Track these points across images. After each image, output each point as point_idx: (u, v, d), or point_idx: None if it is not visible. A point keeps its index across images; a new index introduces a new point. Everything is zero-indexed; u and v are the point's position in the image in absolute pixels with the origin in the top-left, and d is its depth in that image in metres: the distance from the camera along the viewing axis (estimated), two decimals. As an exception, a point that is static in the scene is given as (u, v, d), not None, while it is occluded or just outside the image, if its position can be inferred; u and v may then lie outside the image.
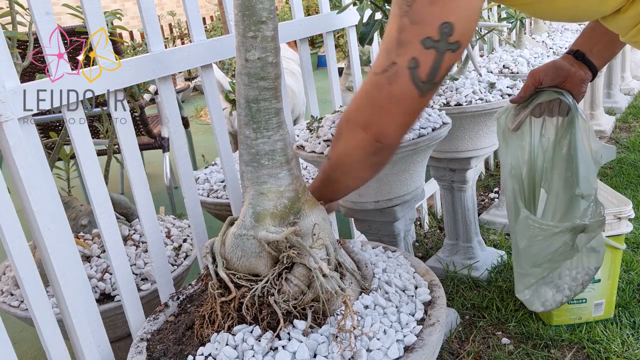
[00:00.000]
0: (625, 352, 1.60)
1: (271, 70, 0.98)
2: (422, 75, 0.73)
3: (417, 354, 0.93)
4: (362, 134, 0.83)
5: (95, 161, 1.19)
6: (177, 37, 8.35)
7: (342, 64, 5.20)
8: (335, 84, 1.90)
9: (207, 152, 3.60)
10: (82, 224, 1.71)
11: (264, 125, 1.00)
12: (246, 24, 0.95)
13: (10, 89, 1.03)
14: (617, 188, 2.56)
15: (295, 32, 1.67)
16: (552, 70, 1.22)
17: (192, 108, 6.00)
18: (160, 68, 1.27)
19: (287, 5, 6.68)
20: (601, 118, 3.41)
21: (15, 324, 2.00)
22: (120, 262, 1.26)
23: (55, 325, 1.12)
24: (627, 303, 1.80)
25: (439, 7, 0.69)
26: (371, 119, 0.80)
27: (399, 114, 0.78)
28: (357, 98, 0.84)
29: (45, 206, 1.09)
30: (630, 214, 1.61)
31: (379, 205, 1.58)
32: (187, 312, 1.17)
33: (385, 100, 0.77)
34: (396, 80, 0.75)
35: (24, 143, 1.05)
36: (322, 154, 1.49)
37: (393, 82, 0.75)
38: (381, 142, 0.82)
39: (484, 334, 1.76)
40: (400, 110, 0.78)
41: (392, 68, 0.74)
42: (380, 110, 0.78)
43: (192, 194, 1.39)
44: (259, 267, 1.00)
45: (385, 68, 0.75)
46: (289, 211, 1.03)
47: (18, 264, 1.05)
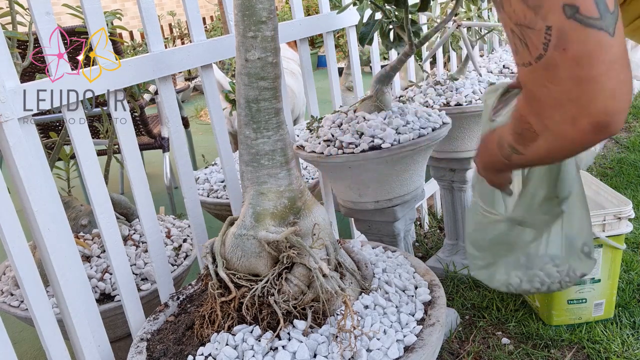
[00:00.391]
0: (625, 352, 1.60)
1: (271, 70, 0.98)
2: (591, 11, 0.55)
3: (417, 354, 0.93)
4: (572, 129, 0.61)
5: (95, 161, 1.19)
6: (177, 37, 8.36)
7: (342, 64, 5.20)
8: (335, 84, 1.90)
9: (207, 152, 3.60)
10: (82, 224, 1.71)
11: (264, 125, 1.00)
12: (246, 24, 0.95)
13: (10, 89, 1.03)
14: (617, 188, 2.56)
15: (295, 32, 1.67)
16: None
17: (192, 108, 6.00)
18: (160, 68, 1.27)
19: (287, 5, 6.69)
20: (601, 118, 3.41)
21: (15, 324, 2.00)
22: (120, 262, 1.26)
23: (55, 325, 1.12)
24: (627, 303, 1.80)
25: None
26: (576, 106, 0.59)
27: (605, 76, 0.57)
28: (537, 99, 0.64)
29: (45, 206, 1.09)
30: (630, 214, 1.61)
31: (379, 205, 1.58)
32: (187, 312, 1.17)
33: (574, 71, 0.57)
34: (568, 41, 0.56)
35: (24, 143, 1.05)
36: (322, 154, 1.49)
37: (566, 45, 0.56)
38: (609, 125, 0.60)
39: (484, 334, 1.77)
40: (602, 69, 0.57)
41: (552, 33, 0.57)
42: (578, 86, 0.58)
43: (192, 194, 1.39)
44: (259, 267, 1.00)
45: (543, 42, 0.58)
46: (289, 211, 1.03)
47: (18, 264, 1.05)
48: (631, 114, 3.72)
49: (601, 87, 0.58)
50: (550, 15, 0.57)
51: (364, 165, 1.46)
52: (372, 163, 1.46)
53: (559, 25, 0.56)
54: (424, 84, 2.08)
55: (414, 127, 1.51)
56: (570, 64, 0.57)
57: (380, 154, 1.43)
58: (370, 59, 2.10)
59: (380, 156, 1.43)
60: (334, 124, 1.60)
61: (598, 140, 0.63)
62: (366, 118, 1.55)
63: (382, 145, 1.44)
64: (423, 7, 1.47)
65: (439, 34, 1.95)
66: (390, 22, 1.51)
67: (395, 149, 1.43)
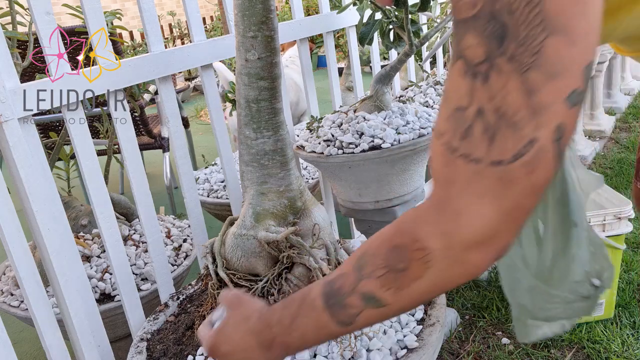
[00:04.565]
0: (625, 352, 1.60)
1: (271, 70, 0.98)
2: (564, 145, 0.51)
3: (417, 353, 0.93)
4: (478, 256, 0.54)
5: (95, 161, 1.19)
6: (177, 37, 8.35)
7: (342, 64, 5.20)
8: (335, 84, 1.90)
9: (207, 152, 3.60)
10: (82, 224, 1.71)
11: (264, 125, 1.00)
12: (246, 24, 0.95)
13: (10, 89, 1.03)
14: (617, 188, 2.56)
15: (295, 32, 1.67)
16: None
17: (192, 108, 6.00)
18: (160, 68, 1.27)
19: (287, 5, 6.68)
20: (601, 118, 3.41)
21: (15, 324, 2.00)
22: (120, 262, 1.25)
23: (55, 325, 1.12)
24: (627, 303, 1.80)
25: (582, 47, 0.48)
26: (497, 232, 0.52)
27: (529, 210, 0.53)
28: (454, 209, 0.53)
29: (45, 206, 1.09)
30: (630, 214, 1.61)
31: (379, 205, 1.58)
32: (187, 312, 1.17)
33: (524, 198, 0.51)
34: (541, 165, 0.50)
35: (24, 143, 1.05)
36: (322, 154, 1.49)
37: (536, 168, 0.50)
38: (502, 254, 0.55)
39: (484, 334, 1.77)
40: (533, 204, 0.52)
41: (533, 148, 0.49)
42: (515, 213, 0.52)
43: (192, 194, 1.39)
44: (259, 267, 1.00)
45: (518, 151, 0.49)
46: (289, 211, 1.03)
47: (18, 264, 1.05)
48: (631, 114, 3.72)
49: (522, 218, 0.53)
50: (543, 129, 0.49)
51: (364, 165, 1.46)
52: (372, 163, 1.46)
53: (544, 144, 0.49)
54: (424, 84, 2.08)
55: (414, 127, 1.51)
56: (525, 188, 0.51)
57: (380, 154, 1.43)
58: (370, 59, 2.10)
59: (380, 156, 1.43)
60: (334, 124, 1.60)
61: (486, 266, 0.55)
62: (366, 118, 1.55)
63: (382, 145, 1.44)
64: (423, 7, 1.47)
65: (439, 34, 1.95)
66: (390, 22, 1.51)
67: (395, 149, 1.43)
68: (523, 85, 0.49)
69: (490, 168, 0.50)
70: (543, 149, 0.49)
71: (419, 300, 0.58)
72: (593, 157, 2.99)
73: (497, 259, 0.55)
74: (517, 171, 0.50)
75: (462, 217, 0.52)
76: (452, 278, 0.55)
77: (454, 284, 0.56)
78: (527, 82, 0.48)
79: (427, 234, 0.55)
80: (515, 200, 0.51)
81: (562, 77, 0.48)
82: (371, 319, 0.60)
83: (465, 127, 0.51)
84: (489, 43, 0.49)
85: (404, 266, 0.57)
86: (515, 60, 0.48)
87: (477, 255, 0.53)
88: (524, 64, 0.48)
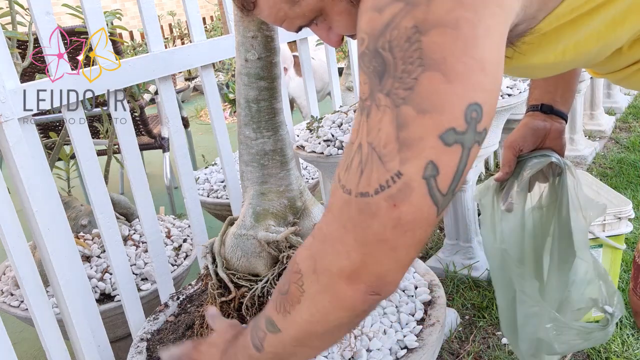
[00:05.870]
0: (625, 352, 1.60)
1: (271, 70, 0.98)
2: (444, 186, 0.49)
3: (417, 353, 0.93)
4: (346, 287, 0.53)
5: (95, 161, 1.19)
6: (177, 37, 8.35)
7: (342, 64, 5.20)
8: (335, 84, 1.90)
9: (207, 152, 3.60)
10: (82, 224, 1.71)
11: (264, 125, 1.00)
12: (246, 24, 0.95)
13: (10, 89, 1.03)
14: (617, 188, 2.56)
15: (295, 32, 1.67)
16: (530, 134, 1.08)
17: (192, 108, 6.00)
18: (160, 68, 1.27)
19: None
20: (601, 118, 3.41)
21: (15, 324, 2.00)
22: (120, 262, 1.26)
23: (55, 325, 1.12)
24: (627, 303, 1.80)
25: (461, 85, 0.47)
26: (362, 263, 0.52)
27: (408, 246, 0.51)
28: (324, 234, 0.54)
29: (45, 206, 1.09)
30: (630, 214, 1.61)
31: (379, 205, 1.58)
32: (187, 312, 1.17)
33: (386, 231, 0.50)
34: (406, 200, 0.49)
35: (24, 143, 1.05)
36: (322, 154, 1.49)
37: (401, 202, 0.49)
38: (380, 292, 0.54)
39: (484, 334, 1.76)
40: (410, 241, 0.51)
41: (397, 182, 0.48)
42: (379, 246, 0.51)
43: (192, 194, 1.39)
44: (259, 267, 1.00)
45: (381, 184, 0.49)
46: (288, 211, 1.03)
47: (18, 264, 1.05)
48: (631, 114, 3.72)
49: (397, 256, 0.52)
50: (410, 163, 0.48)
51: (364, 165, 1.46)
52: (372, 163, 1.46)
53: (410, 178, 0.48)
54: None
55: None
56: (389, 221, 0.50)
57: (380, 154, 1.43)
58: (370, 59, 2.10)
59: (380, 156, 1.43)
60: (334, 124, 1.60)
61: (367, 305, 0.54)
62: (366, 118, 1.54)
63: (382, 145, 1.44)
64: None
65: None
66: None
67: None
68: (395, 119, 0.48)
69: (356, 199, 0.50)
70: (409, 185, 0.48)
71: (308, 330, 0.57)
72: (593, 157, 2.99)
73: (375, 295, 0.53)
74: (379, 204, 0.49)
75: (327, 243, 0.53)
76: (326, 308, 0.54)
77: (335, 317, 0.55)
78: (399, 117, 0.48)
79: (301, 257, 0.56)
80: (376, 233, 0.50)
81: (435, 113, 0.47)
82: (273, 345, 0.60)
83: (349, 161, 0.51)
84: (372, 79, 0.49)
85: (286, 289, 0.57)
86: (391, 95, 0.48)
87: (346, 286, 0.53)
88: (398, 98, 0.48)
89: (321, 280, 0.54)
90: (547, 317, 1.00)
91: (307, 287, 0.55)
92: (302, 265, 0.56)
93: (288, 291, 0.57)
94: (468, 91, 0.48)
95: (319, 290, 0.55)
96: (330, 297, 0.54)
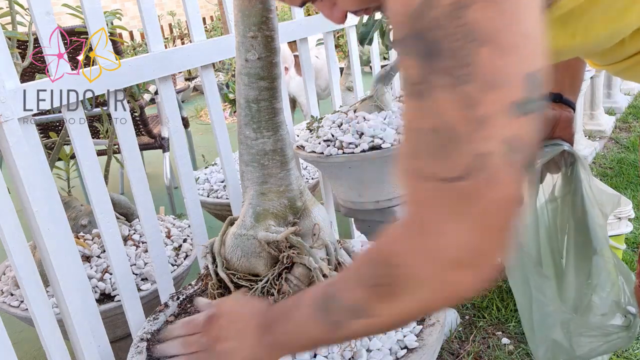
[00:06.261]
0: (625, 352, 1.60)
1: (271, 70, 0.98)
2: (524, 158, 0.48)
3: (417, 354, 0.93)
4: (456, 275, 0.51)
5: (95, 161, 1.19)
6: (177, 37, 8.35)
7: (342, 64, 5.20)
8: (335, 84, 1.90)
9: (207, 152, 3.60)
10: (82, 224, 1.71)
11: (264, 125, 1.00)
12: (246, 24, 0.95)
13: (10, 89, 1.03)
14: (617, 188, 2.56)
15: (295, 32, 1.67)
16: None
17: (192, 108, 5.99)
18: (160, 68, 1.27)
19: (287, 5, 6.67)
20: (601, 118, 3.41)
21: (15, 324, 2.00)
22: (120, 262, 1.26)
23: (55, 325, 1.12)
24: (627, 303, 1.80)
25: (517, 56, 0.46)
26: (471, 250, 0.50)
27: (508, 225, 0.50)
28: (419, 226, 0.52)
29: (45, 206, 1.09)
30: (630, 214, 1.61)
31: (379, 206, 1.58)
32: (187, 312, 1.17)
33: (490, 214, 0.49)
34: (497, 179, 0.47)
35: (24, 143, 1.05)
36: (322, 154, 1.49)
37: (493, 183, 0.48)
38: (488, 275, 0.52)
39: (484, 334, 1.76)
40: (509, 219, 0.50)
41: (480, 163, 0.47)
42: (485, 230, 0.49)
43: (192, 194, 1.39)
44: (259, 267, 1.00)
45: (468, 166, 0.47)
46: (289, 211, 1.03)
47: (18, 264, 1.05)
48: (631, 114, 3.72)
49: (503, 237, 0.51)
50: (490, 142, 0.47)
51: (364, 165, 1.46)
52: (372, 163, 1.46)
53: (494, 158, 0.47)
54: (424, 84, 2.08)
55: (414, 127, 1.51)
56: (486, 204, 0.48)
57: (381, 154, 1.43)
58: (370, 59, 2.10)
59: (380, 156, 1.43)
60: (334, 124, 1.60)
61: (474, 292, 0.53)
62: (366, 118, 1.55)
63: (382, 145, 1.44)
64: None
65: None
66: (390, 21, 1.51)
67: (396, 149, 1.43)
68: (459, 99, 0.47)
69: (447, 185, 0.48)
70: (495, 163, 0.47)
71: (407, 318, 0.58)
72: (593, 157, 2.99)
73: (484, 281, 0.52)
74: (473, 188, 0.48)
75: (426, 235, 0.51)
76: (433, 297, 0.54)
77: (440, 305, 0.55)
78: (463, 96, 0.46)
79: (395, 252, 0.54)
80: (480, 217, 0.49)
81: (499, 87, 0.46)
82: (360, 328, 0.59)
83: (418, 147, 0.50)
84: (421, 62, 0.48)
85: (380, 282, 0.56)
86: (447, 75, 0.46)
87: (456, 274, 0.51)
88: (454, 77, 0.46)
89: (426, 271, 0.52)
90: (562, 317, 0.99)
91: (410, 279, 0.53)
92: (400, 259, 0.53)
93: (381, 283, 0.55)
94: (524, 61, 0.47)
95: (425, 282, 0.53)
96: (439, 286, 0.53)
